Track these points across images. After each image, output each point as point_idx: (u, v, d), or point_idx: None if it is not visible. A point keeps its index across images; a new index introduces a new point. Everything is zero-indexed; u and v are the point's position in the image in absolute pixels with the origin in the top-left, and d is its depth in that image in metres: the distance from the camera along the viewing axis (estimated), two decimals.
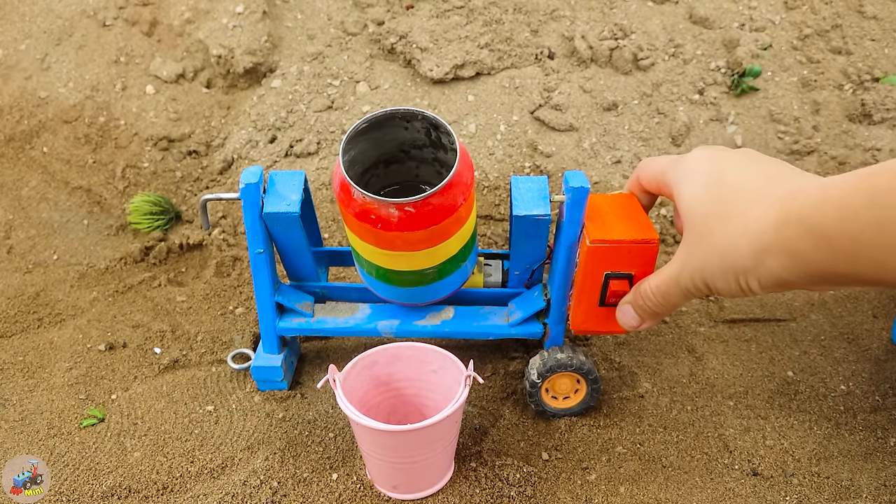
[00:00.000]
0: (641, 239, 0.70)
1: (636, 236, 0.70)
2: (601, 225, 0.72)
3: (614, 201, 0.75)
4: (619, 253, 0.71)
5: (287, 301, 0.84)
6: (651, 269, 0.72)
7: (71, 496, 0.78)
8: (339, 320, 0.86)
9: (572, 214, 0.73)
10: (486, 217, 1.13)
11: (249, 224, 0.77)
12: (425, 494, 0.78)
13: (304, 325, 0.85)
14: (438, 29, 1.23)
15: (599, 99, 1.19)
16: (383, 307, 0.87)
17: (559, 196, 0.73)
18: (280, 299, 0.83)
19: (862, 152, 1.13)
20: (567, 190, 0.72)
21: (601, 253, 0.71)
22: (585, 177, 0.72)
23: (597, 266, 0.72)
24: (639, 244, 0.70)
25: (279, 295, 0.83)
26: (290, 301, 0.84)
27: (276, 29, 1.29)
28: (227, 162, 1.21)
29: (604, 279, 0.72)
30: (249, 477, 0.79)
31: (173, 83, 1.30)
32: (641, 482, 0.79)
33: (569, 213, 0.73)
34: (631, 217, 0.73)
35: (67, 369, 0.93)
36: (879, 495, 0.77)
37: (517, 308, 0.84)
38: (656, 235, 0.71)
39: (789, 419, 0.87)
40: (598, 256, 0.71)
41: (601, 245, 0.70)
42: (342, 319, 0.86)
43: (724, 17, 1.24)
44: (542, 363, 0.81)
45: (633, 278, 0.72)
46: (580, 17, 1.26)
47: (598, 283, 0.73)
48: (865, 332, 0.98)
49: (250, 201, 0.75)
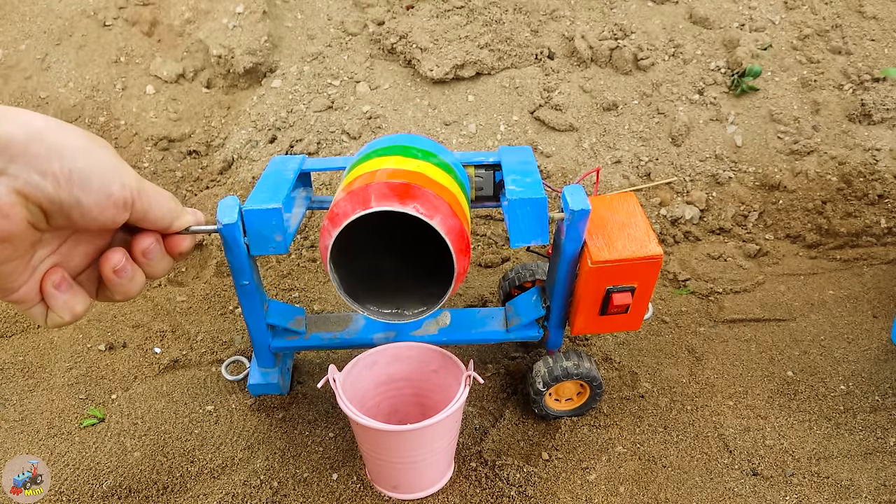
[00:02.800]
0: (644, 256, 0.68)
1: (639, 253, 0.68)
2: (602, 241, 0.69)
3: (614, 206, 0.73)
4: (622, 270, 0.69)
5: (278, 321, 0.80)
6: (654, 281, 0.70)
7: (71, 496, 0.78)
8: (332, 334, 0.83)
9: (572, 233, 0.69)
10: (486, 217, 1.13)
11: (231, 260, 0.70)
12: (425, 494, 0.78)
13: (299, 342, 0.82)
14: (438, 29, 1.23)
15: (599, 99, 1.19)
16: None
17: (559, 214, 0.70)
18: (271, 321, 0.79)
19: (862, 152, 1.13)
20: (567, 212, 0.68)
21: (603, 272, 0.69)
22: (585, 194, 0.68)
23: (599, 283, 0.70)
24: (642, 261, 0.68)
25: (269, 316, 0.79)
26: (282, 320, 0.80)
27: (276, 29, 1.29)
28: (227, 162, 1.21)
29: (605, 293, 0.71)
30: (249, 477, 0.79)
31: (173, 83, 1.30)
32: (641, 482, 0.79)
33: (569, 231, 0.69)
34: (632, 226, 0.70)
35: (67, 369, 0.93)
36: (879, 495, 0.77)
37: (516, 313, 0.82)
38: (659, 250, 0.68)
39: (789, 419, 0.87)
40: (600, 276, 0.69)
41: (603, 265, 0.68)
42: (336, 334, 0.83)
43: (724, 17, 1.24)
44: (548, 372, 0.80)
45: (635, 290, 0.71)
46: (580, 17, 1.26)
47: (599, 296, 0.72)
48: (865, 332, 0.98)
49: (230, 238, 0.67)
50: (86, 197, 0.47)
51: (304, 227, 1.12)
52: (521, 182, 0.70)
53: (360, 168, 0.67)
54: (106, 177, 0.48)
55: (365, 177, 0.63)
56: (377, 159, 0.67)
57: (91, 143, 0.48)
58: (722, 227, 1.12)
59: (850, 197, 1.11)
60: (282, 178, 0.73)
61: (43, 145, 0.45)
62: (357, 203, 0.59)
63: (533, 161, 0.75)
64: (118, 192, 0.49)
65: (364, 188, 0.60)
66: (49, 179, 0.45)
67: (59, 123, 0.47)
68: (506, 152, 0.78)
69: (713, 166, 1.14)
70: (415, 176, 0.63)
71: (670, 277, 1.06)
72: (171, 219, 0.56)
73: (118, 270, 0.52)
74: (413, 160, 0.66)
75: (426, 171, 0.65)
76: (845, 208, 1.11)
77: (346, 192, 0.62)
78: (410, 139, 0.71)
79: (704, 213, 1.13)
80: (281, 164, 0.78)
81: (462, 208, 0.66)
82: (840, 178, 1.12)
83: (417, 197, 0.59)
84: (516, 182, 0.69)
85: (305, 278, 1.06)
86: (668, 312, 1.01)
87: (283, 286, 1.05)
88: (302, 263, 1.09)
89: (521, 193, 0.67)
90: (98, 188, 0.48)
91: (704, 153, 1.15)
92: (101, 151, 0.48)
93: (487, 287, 1.03)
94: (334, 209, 0.62)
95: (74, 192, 0.47)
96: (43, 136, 0.45)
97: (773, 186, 1.13)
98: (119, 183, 0.49)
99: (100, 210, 0.48)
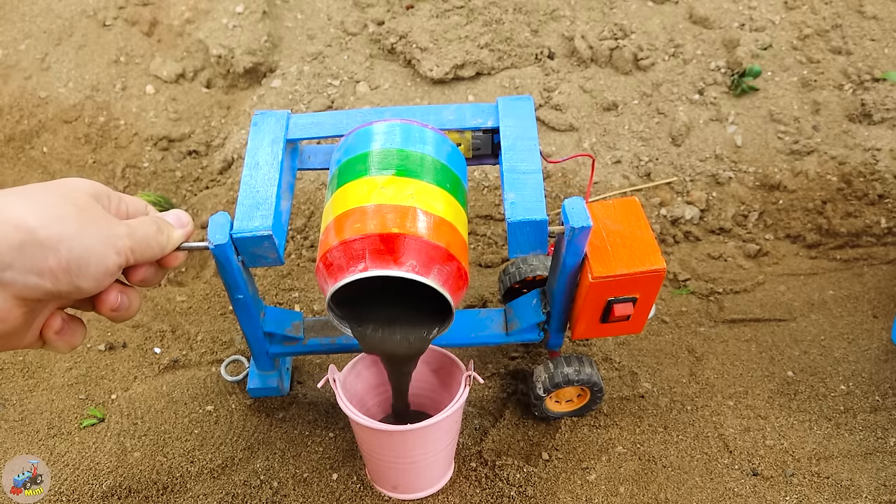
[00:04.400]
0: (647, 270, 0.66)
1: (641, 267, 0.66)
2: (604, 254, 0.67)
3: (616, 214, 0.71)
4: (624, 283, 0.67)
5: (275, 328, 0.78)
6: (656, 292, 0.69)
7: (71, 496, 0.78)
8: (331, 339, 0.81)
9: (573, 248, 0.67)
10: (486, 217, 1.13)
11: (224, 276, 0.68)
12: (425, 494, 0.78)
13: (297, 348, 0.81)
14: (438, 29, 1.23)
15: (599, 99, 1.19)
16: None
17: (559, 227, 0.67)
18: (268, 329, 0.77)
19: (862, 152, 1.13)
20: (567, 229, 0.65)
21: (604, 286, 0.68)
22: (585, 206, 0.65)
23: (600, 296, 0.69)
24: (644, 275, 0.67)
25: (266, 324, 0.77)
26: (279, 328, 0.78)
27: (276, 29, 1.29)
28: (227, 162, 1.21)
29: (606, 303, 0.70)
30: (249, 477, 0.79)
31: (173, 83, 1.30)
32: (641, 482, 0.79)
33: (569, 246, 0.66)
34: (635, 236, 0.69)
35: (67, 369, 0.93)
36: (879, 495, 0.77)
37: (516, 316, 0.80)
38: (663, 263, 0.67)
39: (789, 419, 0.87)
40: (601, 289, 0.68)
41: (604, 280, 0.67)
42: (335, 338, 0.81)
43: (724, 17, 1.24)
44: (549, 378, 0.79)
45: (637, 300, 0.70)
46: (580, 17, 1.26)
47: (600, 306, 0.71)
48: (865, 332, 0.98)
49: (223, 258, 0.66)
50: (84, 282, 0.48)
51: (303, 227, 1.12)
52: (520, 182, 0.67)
53: (351, 190, 0.63)
54: (101, 254, 0.48)
55: (356, 216, 0.61)
56: (369, 179, 0.63)
57: (82, 222, 0.47)
58: (722, 227, 1.12)
59: (850, 197, 1.11)
60: (267, 177, 0.69)
61: (37, 244, 0.44)
62: (351, 258, 0.59)
63: (533, 126, 0.71)
64: (114, 262, 0.49)
65: (360, 240, 0.59)
66: (47, 277, 0.45)
67: (49, 212, 0.45)
68: (505, 114, 0.73)
69: (713, 166, 1.14)
70: (407, 216, 0.60)
71: (670, 277, 1.06)
72: (162, 248, 0.56)
73: (116, 308, 0.53)
74: (408, 181, 0.63)
75: (421, 201, 0.62)
76: (845, 208, 1.11)
77: (340, 242, 0.60)
78: (404, 137, 0.67)
79: (704, 213, 1.13)
80: (264, 136, 0.73)
81: (460, 235, 0.64)
82: (840, 178, 1.12)
83: (411, 250, 0.59)
84: (515, 184, 0.67)
85: (305, 278, 1.06)
86: (668, 312, 1.01)
87: (282, 286, 1.05)
88: (302, 263, 1.09)
89: (521, 212, 0.65)
90: (95, 269, 0.48)
91: (704, 153, 1.15)
92: (93, 226, 0.48)
93: (487, 287, 1.03)
94: (328, 257, 0.61)
95: (73, 281, 0.47)
96: (36, 235, 0.44)
97: (774, 186, 1.13)
98: (114, 252, 0.49)
99: (98, 285, 0.49)
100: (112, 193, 0.54)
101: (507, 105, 0.74)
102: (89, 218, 0.48)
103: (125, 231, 0.51)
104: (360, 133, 0.68)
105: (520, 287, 0.90)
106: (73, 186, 0.49)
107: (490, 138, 0.76)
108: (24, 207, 0.45)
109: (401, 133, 0.67)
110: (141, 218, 0.54)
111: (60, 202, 0.47)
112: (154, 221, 0.55)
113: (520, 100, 0.75)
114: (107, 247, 0.48)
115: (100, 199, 0.51)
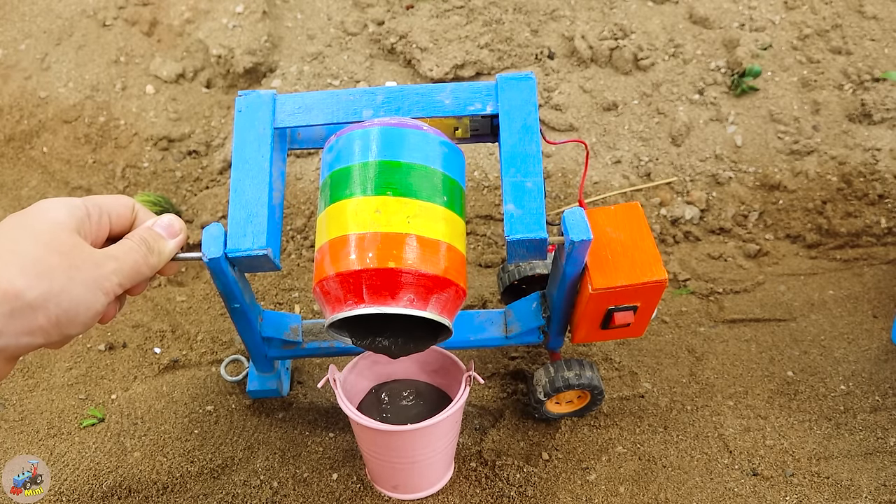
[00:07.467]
0: (648, 281, 0.66)
1: (642, 278, 0.66)
2: (605, 263, 0.67)
3: (617, 220, 0.70)
4: (625, 294, 0.67)
5: (274, 333, 0.77)
6: (657, 300, 0.69)
7: (71, 496, 0.78)
8: (329, 342, 0.80)
9: (573, 259, 0.66)
10: (486, 217, 1.13)
11: (219, 286, 0.68)
12: (425, 494, 0.78)
13: (296, 352, 0.80)
14: (438, 29, 1.23)
15: (599, 99, 1.19)
16: None
17: (558, 238, 0.65)
18: (266, 333, 0.77)
19: (862, 152, 1.13)
20: (567, 241, 0.64)
21: (605, 297, 0.67)
22: (585, 218, 0.64)
23: (600, 305, 0.69)
24: (645, 285, 0.66)
25: (264, 329, 0.77)
26: (277, 332, 0.78)
27: (276, 29, 1.29)
28: (227, 162, 1.21)
29: (607, 311, 0.70)
30: (249, 477, 0.79)
31: (173, 83, 1.30)
32: (641, 482, 0.79)
33: (569, 258, 0.65)
34: (636, 245, 0.68)
35: (67, 369, 0.93)
36: (879, 495, 0.77)
37: (516, 319, 0.80)
38: (664, 273, 0.66)
39: (789, 419, 0.87)
40: (602, 300, 0.68)
41: (604, 291, 0.66)
42: (333, 342, 0.80)
43: (724, 17, 1.24)
44: (549, 382, 0.79)
45: (637, 308, 0.69)
46: (580, 17, 1.26)
47: (600, 314, 0.70)
48: (865, 332, 0.98)
49: (217, 270, 0.64)
50: (74, 329, 0.48)
51: (303, 227, 1.12)
52: (521, 190, 0.65)
53: (346, 210, 0.61)
54: (90, 301, 0.48)
55: (352, 245, 0.59)
56: (364, 200, 0.61)
57: (69, 271, 0.47)
58: (722, 227, 1.12)
59: (850, 197, 1.11)
60: (256, 179, 0.67)
61: (27, 307, 0.44)
62: (348, 292, 0.59)
63: (534, 112, 0.68)
64: (102, 303, 0.50)
65: (356, 275, 0.58)
66: (38, 335, 0.46)
67: (35, 269, 0.45)
68: (504, 100, 0.68)
69: (713, 166, 1.14)
70: (404, 247, 0.59)
71: (670, 277, 1.06)
72: (153, 268, 0.55)
73: (106, 319, 0.54)
74: (405, 202, 0.61)
75: (418, 226, 0.60)
76: (845, 208, 1.11)
77: (336, 273, 0.59)
78: (398, 144, 0.63)
79: (704, 213, 1.13)
80: (249, 128, 0.71)
81: (458, 253, 0.63)
82: (840, 178, 1.12)
83: (408, 285, 0.59)
84: (514, 188, 0.65)
85: (305, 278, 1.06)
86: (668, 312, 1.01)
87: (282, 286, 1.05)
88: (302, 263, 1.09)
89: (521, 228, 0.63)
90: (84, 316, 0.48)
91: (704, 153, 1.15)
92: (79, 273, 0.47)
93: (487, 287, 1.03)
94: (325, 285, 0.60)
95: (63, 332, 0.47)
96: (24, 299, 0.44)
97: (774, 186, 1.13)
98: (102, 294, 0.49)
99: (87, 327, 0.50)
100: (91, 210, 0.52)
101: (506, 86, 0.69)
102: (75, 265, 0.47)
103: (112, 268, 0.50)
104: (351, 137, 0.64)
105: (519, 284, 0.90)
106: (53, 222, 0.48)
107: (489, 121, 0.73)
108: (12, 268, 0.44)
109: (396, 140, 0.63)
110: (128, 243, 0.53)
111: (45, 253, 0.46)
112: (143, 242, 0.54)
113: (520, 79, 0.69)
114: (95, 292, 0.48)
115: (81, 226, 0.50)
